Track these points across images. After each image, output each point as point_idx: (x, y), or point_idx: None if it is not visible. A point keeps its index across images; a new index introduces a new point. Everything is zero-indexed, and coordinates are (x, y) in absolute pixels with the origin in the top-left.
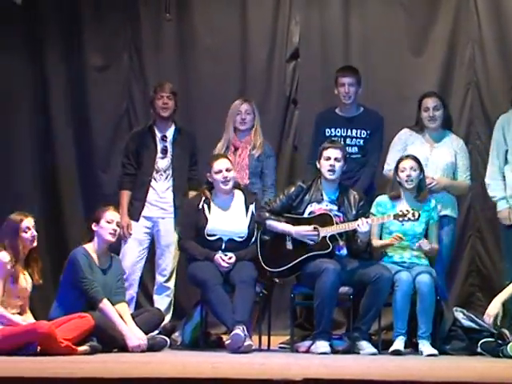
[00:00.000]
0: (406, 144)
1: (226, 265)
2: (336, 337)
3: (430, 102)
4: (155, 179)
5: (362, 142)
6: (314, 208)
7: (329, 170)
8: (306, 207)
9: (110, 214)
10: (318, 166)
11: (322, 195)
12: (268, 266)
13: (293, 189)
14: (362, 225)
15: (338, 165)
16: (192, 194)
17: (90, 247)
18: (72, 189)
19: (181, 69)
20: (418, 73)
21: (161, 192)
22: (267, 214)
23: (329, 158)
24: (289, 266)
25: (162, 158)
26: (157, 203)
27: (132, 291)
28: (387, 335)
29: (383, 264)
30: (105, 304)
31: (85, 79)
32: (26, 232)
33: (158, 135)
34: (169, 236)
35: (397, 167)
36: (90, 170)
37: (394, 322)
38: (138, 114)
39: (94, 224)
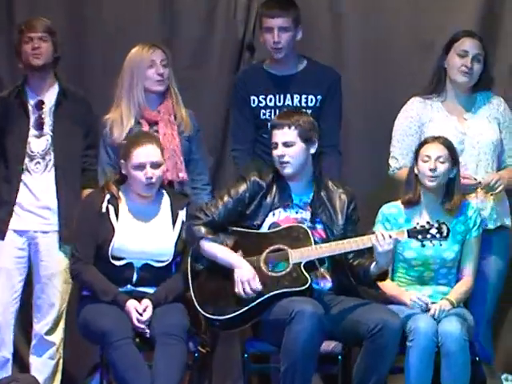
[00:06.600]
0: (421, 123)
1: (140, 326)
2: None
3: (470, 45)
4: (28, 170)
5: (309, 113)
6: (278, 217)
7: None
8: (267, 216)
9: None
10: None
11: (290, 196)
12: (206, 311)
13: (244, 187)
14: (380, 240)
15: None
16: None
17: None
18: None
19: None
20: (448, 8)
21: (39, 191)
22: (203, 230)
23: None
24: (241, 311)
25: (38, 136)
26: (32, 208)
27: (6, 352)
28: None
29: (390, 306)
30: None
31: None
32: None
33: (31, 102)
34: (52, 261)
35: (416, 155)
36: None
37: None
38: (2, 75)
39: None
